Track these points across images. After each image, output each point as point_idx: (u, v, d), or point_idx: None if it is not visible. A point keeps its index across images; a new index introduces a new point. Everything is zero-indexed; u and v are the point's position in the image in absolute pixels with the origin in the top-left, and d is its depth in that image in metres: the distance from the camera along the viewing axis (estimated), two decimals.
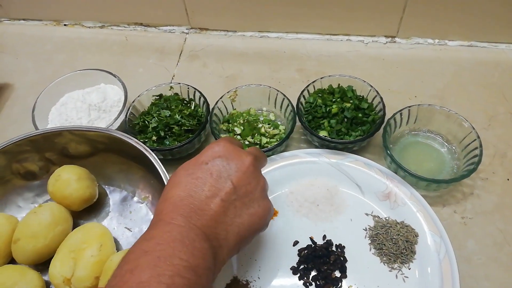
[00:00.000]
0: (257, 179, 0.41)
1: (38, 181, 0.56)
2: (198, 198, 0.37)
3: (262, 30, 0.77)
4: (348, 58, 0.72)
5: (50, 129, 0.52)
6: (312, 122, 0.58)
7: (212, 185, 0.38)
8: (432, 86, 0.67)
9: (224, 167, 0.39)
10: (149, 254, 0.32)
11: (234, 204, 0.38)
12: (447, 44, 0.72)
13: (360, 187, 0.55)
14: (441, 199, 0.55)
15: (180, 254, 0.32)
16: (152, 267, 0.31)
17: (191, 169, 0.39)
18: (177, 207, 0.36)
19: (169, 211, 0.36)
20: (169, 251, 0.32)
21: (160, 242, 0.33)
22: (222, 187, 0.38)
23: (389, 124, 0.56)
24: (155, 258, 0.31)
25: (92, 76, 0.65)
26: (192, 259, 0.33)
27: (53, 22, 0.84)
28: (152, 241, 0.33)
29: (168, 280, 0.30)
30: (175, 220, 0.35)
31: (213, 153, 0.40)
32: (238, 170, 0.39)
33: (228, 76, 0.71)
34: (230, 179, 0.39)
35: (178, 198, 0.37)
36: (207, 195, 0.37)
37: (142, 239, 0.35)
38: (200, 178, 0.38)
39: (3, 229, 0.49)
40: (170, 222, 0.35)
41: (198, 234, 0.35)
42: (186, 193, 0.37)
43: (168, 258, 0.32)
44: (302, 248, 0.50)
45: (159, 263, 0.31)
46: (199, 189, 0.37)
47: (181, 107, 0.60)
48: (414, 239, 0.50)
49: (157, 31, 0.80)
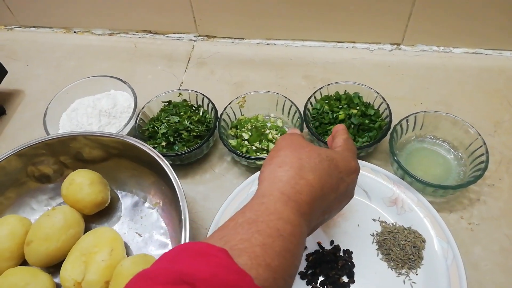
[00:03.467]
0: (354, 186, 0.41)
1: (52, 184, 0.57)
2: (321, 206, 0.36)
3: (269, 38, 0.78)
4: (353, 65, 0.73)
5: (65, 133, 0.54)
6: (319, 128, 0.59)
7: (332, 202, 0.37)
8: (438, 93, 0.68)
9: (347, 192, 0.39)
10: (283, 240, 0.30)
11: (336, 202, 0.38)
12: (452, 51, 0.73)
13: (367, 193, 0.55)
14: (447, 205, 0.55)
15: (299, 257, 0.32)
16: (282, 257, 0.29)
17: (333, 171, 0.37)
18: (310, 205, 0.34)
19: (305, 202, 0.33)
20: (297, 249, 0.31)
21: (294, 233, 0.31)
22: (333, 207, 0.39)
23: (395, 131, 0.56)
24: (286, 248, 0.30)
25: (102, 83, 0.66)
26: (298, 263, 0.32)
27: (63, 29, 0.86)
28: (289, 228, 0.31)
29: (288, 278, 0.29)
30: (307, 217, 0.33)
31: (351, 173, 0.39)
32: (349, 173, 0.38)
33: (236, 83, 0.72)
34: (341, 203, 0.39)
35: (315, 193, 0.34)
36: (324, 210, 0.37)
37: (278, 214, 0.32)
38: (332, 189, 0.36)
39: (16, 231, 0.50)
40: (303, 217, 0.33)
41: (306, 233, 0.34)
42: (320, 194, 0.35)
43: (293, 255, 0.31)
44: (310, 253, 0.51)
45: (287, 255, 0.30)
46: (325, 198, 0.36)
47: (190, 113, 0.61)
48: (422, 244, 0.50)
49: (165, 38, 0.81)
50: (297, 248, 0.31)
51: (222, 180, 0.60)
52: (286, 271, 0.29)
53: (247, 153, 0.58)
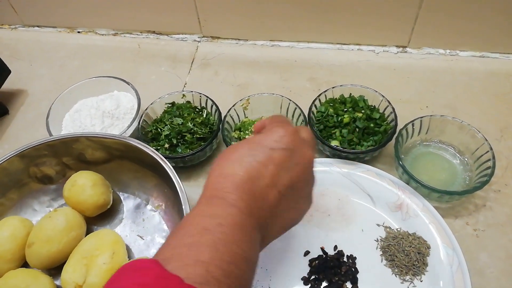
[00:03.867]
0: (312, 175, 0.39)
1: (54, 185, 0.57)
2: (258, 185, 0.34)
3: (273, 39, 0.77)
4: (359, 67, 0.73)
5: (68, 134, 0.53)
6: (323, 132, 0.58)
7: (272, 174, 0.35)
8: (444, 97, 0.67)
9: (287, 158, 0.36)
10: (211, 234, 0.30)
11: (287, 198, 0.36)
12: (458, 54, 0.72)
13: (371, 198, 0.55)
14: (453, 210, 0.55)
15: (239, 243, 0.30)
16: (213, 248, 0.29)
17: (254, 148, 0.36)
18: (239, 190, 0.33)
19: (231, 192, 0.33)
20: (230, 236, 0.30)
21: (222, 223, 0.31)
22: (281, 179, 0.36)
23: (401, 135, 0.56)
24: (216, 239, 0.29)
25: (105, 83, 0.65)
26: (248, 250, 0.31)
27: (67, 29, 0.86)
28: (215, 220, 0.31)
29: (226, 267, 0.28)
30: (238, 203, 0.33)
31: (280, 138, 0.37)
32: (299, 163, 0.37)
33: (240, 85, 0.72)
34: (290, 172, 0.36)
35: (239, 179, 0.34)
36: (267, 183, 0.35)
37: (203, 214, 0.32)
38: (262, 163, 0.35)
39: (18, 233, 0.50)
40: (233, 204, 0.32)
41: (253, 225, 0.33)
42: (247, 176, 0.34)
43: (228, 243, 0.30)
44: (313, 258, 0.50)
45: (219, 246, 0.29)
46: (261, 175, 0.35)
47: (193, 115, 0.60)
48: (426, 251, 0.50)
49: (169, 39, 0.81)
50: (232, 236, 0.30)
51: None
52: (222, 260, 0.28)
53: None
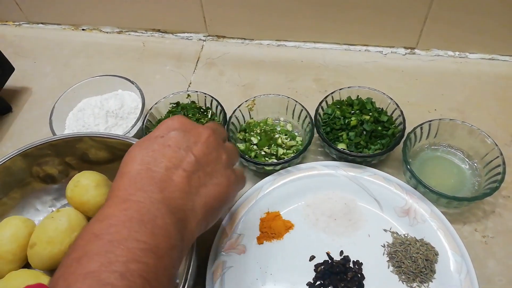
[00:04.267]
0: (218, 150, 0.39)
1: (57, 185, 0.56)
2: (157, 170, 0.34)
3: (279, 39, 0.76)
4: (366, 68, 0.72)
5: (71, 134, 0.53)
6: (330, 134, 0.57)
7: (171, 156, 0.35)
8: (452, 100, 0.66)
9: (182, 138, 0.37)
10: (100, 238, 0.29)
11: (198, 175, 0.36)
12: (467, 56, 0.71)
13: (378, 202, 0.54)
14: (461, 216, 0.54)
15: (137, 235, 0.29)
16: (103, 253, 0.27)
17: (145, 143, 0.37)
18: (135, 181, 0.33)
19: (126, 187, 0.33)
20: (124, 232, 0.29)
21: (114, 223, 0.30)
22: (183, 157, 0.36)
23: (409, 138, 0.55)
24: (106, 242, 0.28)
25: (109, 82, 0.65)
26: (152, 239, 0.29)
27: (71, 26, 0.85)
28: (105, 222, 0.30)
29: (122, 268, 0.27)
30: (133, 195, 0.32)
31: (168, 126, 0.38)
32: (197, 141, 0.38)
33: (245, 85, 0.71)
34: (190, 150, 0.37)
35: (136, 172, 0.34)
36: (167, 166, 0.35)
37: (95, 220, 0.31)
38: (157, 151, 0.36)
39: (20, 233, 0.49)
40: (127, 198, 0.32)
41: (160, 209, 0.32)
42: (145, 167, 0.34)
43: (122, 241, 0.28)
44: (319, 264, 0.49)
45: (112, 248, 0.28)
46: (158, 161, 0.35)
47: (198, 116, 0.60)
48: (434, 257, 0.49)
49: (174, 37, 0.80)
50: (127, 233, 0.29)
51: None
52: (116, 262, 0.27)
53: (256, 158, 0.57)
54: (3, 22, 0.89)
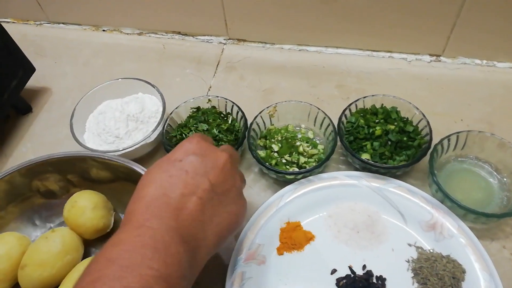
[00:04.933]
0: (234, 177, 0.40)
1: (57, 200, 0.55)
2: (173, 197, 0.35)
3: (301, 44, 0.75)
4: (389, 76, 0.70)
5: (73, 153, 0.52)
6: (353, 144, 0.56)
7: (188, 183, 0.36)
8: (480, 110, 0.64)
9: (199, 164, 0.37)
10: (114, 263, 0.29)
11: (212, 203, 0.36)
12: (495, 65, 0.69)
13: (402, 215, 0.52)
14: (489, 232, 0.52)
15: (150, 263, 0.29)
16: (117, 278, 0.28)
17: (164, 167, 0.37)
18: (151, 208, 0.34)
19: (142, 212, 0.33)
20: (138, 259, 0.29)
21: (128, 248, 0.30)
22: (199, 184, 0.36)
23: (436, 150, 0.53)
24: (120, 267, 0.28)
25: (130, 85, 0.64)
26: (164, 268, 0.30)
27: (92, 27, 0.85)
28: (119, 247, 0.30)
29: None
30: (148, 222, 0.32)
31: (186, 150, 0.38)
32: (214, 167, 0.38)
33: (265, 90, 0.70)
34: (207, 176, 0.37)
35: (152, 197, 0.34)
36: (183, 193, 0.35)
37: (109, 244, 0.31)
38: (174, 176, 0.36)
39: (13, 252, 0.48)
40: (142, 224, 0.32)
41: (174, 237, 0.32)
42: (161, 192, 0.35)
43: (135, 267, 0.29)
44: (341, 278, 0.48)
45: (125, 273, 0.28)
46: (174, 188, 0.35)
47: (218, 121, 0.59)
48: (462, 275, 0.47)
49: (194, 40, 0.79)
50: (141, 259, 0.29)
51: (248, 192, 0.58)
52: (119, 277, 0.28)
53: (277, 165, 0.56)
54: (24, 21, 0.89)
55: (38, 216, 0.55)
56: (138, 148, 0.57)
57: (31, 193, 0.54)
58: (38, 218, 0.55)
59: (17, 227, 0.54)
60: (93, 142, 0.60)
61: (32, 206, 0.55)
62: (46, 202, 0.55)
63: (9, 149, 0.67)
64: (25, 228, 0.54)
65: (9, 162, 0.65)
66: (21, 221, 0.54)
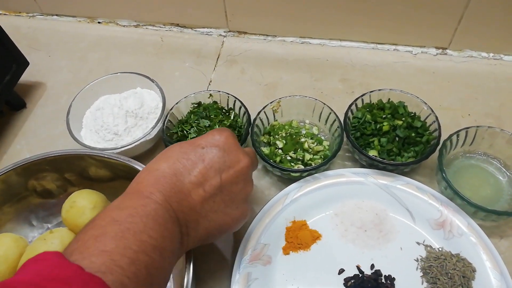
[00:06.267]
0: (246, 183, 0.40)
1: (54, 200, 0.53)
2: (182, 180, 0.36)
3: (303, 36, 0.73)
4: (395, 69, 0.68)
5: (71, 151, 0.50)
6: (360, 140, 0.55)
7: (200, 172, 0.37)
8: (487, 104, 0.63)
9: (219, 159, 0.38)
10: (119, 224, 0.31)
11: (214, 199, 0.37)
12: (502, 58, 0.68)
13: (411, 213, 0.51)
14: (498, 230, 0.51)
15: (150, 232, 0.31)
16: (119, 238, 0.29)
17: (186, 148, 0.38)
18: (159, 183, 0.35)
19: (150, 185, 0.35)
20: (140, 225, 0.31)
21: (133, 214, 0.32)
22: (210, 178, 0.37)
23: (445, 146, 0.52)
24: (124, 229, 0.30)
25: (128, 80, 0.62)
26: (161, 240, 0.32)
27: (87, 19, 0.82)
28: (125, 212, 0.32)
29: (133, 255, 0.29)
30: (154, 195, 0.34)
31: (213, 140, 0.39)
32: (231, 167, 0.38)
33: (267, 84, 0.68)
34: (220, 173, 0.37)
35: (163, 174, 0.36)
36: (192, 180, 0.36)
37: (114, 207, 0.33)
38: (191, 161, 0.37)
39: (10, 253, 0.46)
40: (148, 196, 0.34)
41: (172, 216, 0.34)
42: (172, 171, 0.36)
43: (137, 232, 0.30)
44: (349, 277, 0.47)
45: (127, 235, 0.30)
46: (186, 172, 0.36)
47: (220, 117, 0.57)
48: (471, 274, 0.46)
49: (193, 32, 0.77)
50: (143, 226, 0.31)
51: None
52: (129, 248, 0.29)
53: (281, 163, 0.55)
54: (16, 13, 0.86)
55: (35, 216, 0.54)
56: (138, 145, 0.55)
57: (28, 193, 0.52)
58: (35, 219, 0.54)
59: (14, 228, 0.52)
60: (90, 139, 0.58)
61: (28, 206, 0.53)
62: (43, 202, 0.53)
63: (3, 146, 0.65)
64: (22, 229, 0.53)
65: (3, 160, 0.63)
66: (17, 221, 0.53)
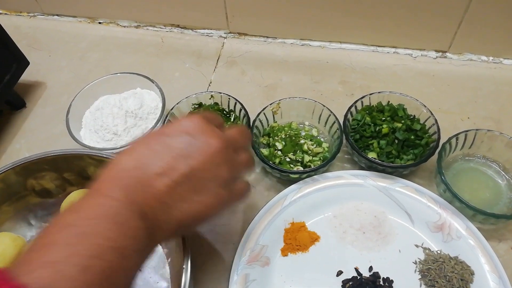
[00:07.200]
0: (220, 167, 0.36)
1: (53, 199, 0.53)
2: (146, 172, 0.33)
3: (303, 38, 0.73)
4: (394, 72, 0.68)
5: (69, 151, 0.50)
6: (359, 142, 0.55)
7: (165, 162, 0.34)
8: (486, 108, 0.63)
9: (185, 145, 0.35)
10: (72, 229, 0.28)
11: (183, 187, 0.34)
12: (502, 62, 0.68)
13: (409, 216, 0.51)
14: (496, 233, 0.51)
15: (107, 233, 0.29)
16: (71, 244, 0.27)
17: (150, 138, 0.36)
18: (119, 178, 0.33)
19: (109, 181, 0.33)
20: (95, 228, 0.29)
21: (89, 215, 0.30)
22: (177, 166, 0.34)
23: (444, 149, 0.52)
24: (78, 233, 0.28)
25: (128, 80, 0.62)
26: (121, 239, 0.29)
27: (87, 19, 0.82)
28: (81, 214, 0.30)
29: (85, 262, 0.27)
30: (112, 192, 0.32)
31: (181, 127, 0.36)
32: (201, 152, 0.35)
33: (267, 86, 0.68)
34: (190, 160, 0.34)
35: (124, 168, 0.33)
36: (156, 171, 0.33)
37: (69, 209, 0.31)
38: (155, 150, 0.34)
39: (7, 252, 0.46)
40: (106, 194, 0.32)
41: (135, 211, 0.31)
42: (135, 164, 0.34)
43: (91, 236, 0.28)
44: (347, 280, 0.47)
45: (81, 240, 0.28)
46: (150, 163, 0.34)
47: None
48: (470, 277, 0.46)
49: (194, 33, 0.77)
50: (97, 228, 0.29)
51: (251, 191, 0.56)
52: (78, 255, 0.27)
53: (280, 164, 0.55)
54: (17, 12, 0.86)
55: (33, 215, 0.53)
56: None
57: (26, 192, 0.52)
58: (33, 218, 0.53)
59: (12, 227, 0.52)
60: (90, 139, 0.58)
61: (27, 205, 0.53)
62: (42, 201, 0.53)
63: (2, 145, 0.65)
64: (20, 228, 0.53)
65: (2, 159, 0.63)
66: (15, 221, 0.53)
